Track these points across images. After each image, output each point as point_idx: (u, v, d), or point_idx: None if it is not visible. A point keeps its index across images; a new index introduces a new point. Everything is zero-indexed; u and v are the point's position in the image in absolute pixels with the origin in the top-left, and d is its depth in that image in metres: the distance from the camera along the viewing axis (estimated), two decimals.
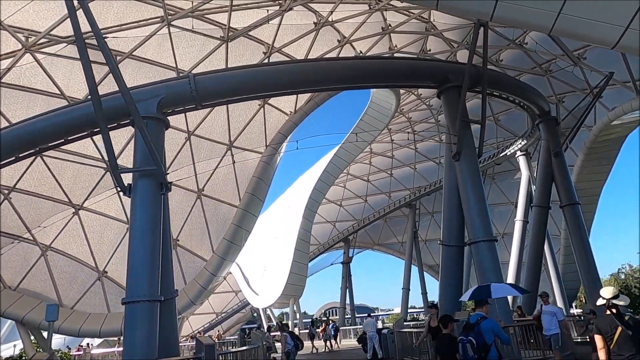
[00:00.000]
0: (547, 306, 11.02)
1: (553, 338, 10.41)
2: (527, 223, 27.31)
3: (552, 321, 10.48)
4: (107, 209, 22.50)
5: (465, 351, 6.23)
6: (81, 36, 9.18)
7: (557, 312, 10.74)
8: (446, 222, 15.24)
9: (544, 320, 10.68)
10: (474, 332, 6.33)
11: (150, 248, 10.94)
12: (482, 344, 6.23)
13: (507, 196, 37.63)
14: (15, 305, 21.15)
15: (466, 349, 6.22)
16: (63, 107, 13.23)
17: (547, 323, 10.55)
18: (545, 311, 10.81)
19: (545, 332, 10.63)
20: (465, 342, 6.29)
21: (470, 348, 6.19)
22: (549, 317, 10.56)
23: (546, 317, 10.63)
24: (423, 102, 32.17)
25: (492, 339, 6.30)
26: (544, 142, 20.81)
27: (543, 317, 10.77)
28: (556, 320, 10.45)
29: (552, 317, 10.47)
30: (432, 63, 18.47)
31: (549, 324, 10.53)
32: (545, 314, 10.74)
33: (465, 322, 6.95)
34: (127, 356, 10.06)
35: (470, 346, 6.20)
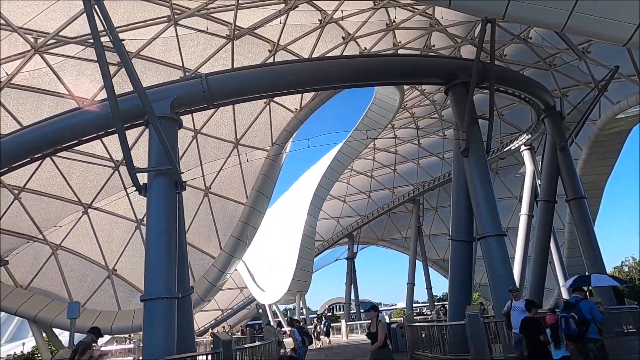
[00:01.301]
0: (518, 302, 10.08)
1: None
2: (532, 217, 27.52)
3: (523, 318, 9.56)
4: (115, 208, 22.67)
5: (568, 325, 7.44)
6: (99, 39, 9.31)
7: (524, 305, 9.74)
8: (455, 218, 15.40)
9: (514, 317, 9.78)
10: (575, 310, 7.51)
11: (167, 246, 11.11)
12: (583, 319, 7.41)
13: (510, 190, 37.82)
14: (27, 303, 21.38)
15: (569, 323, 7.44)
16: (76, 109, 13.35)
17: (517, 320, 9.50)
18: (515, 307, 9.93)
19: (515, 330, 9.71)
20: (568, 317, 7.48)
21: (573, 322, 7.38)
22: (518, 314, 9.60)
23: (516, 314, 9.73)
24: (427, 97, 32.26)
25: (590, 317, 7.47)
26: (549, 136, 20.94)
27: (513, 314, 9.88)
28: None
29: (521, 314, 9.36)
30: (439, 60, 18.56)
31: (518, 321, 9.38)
32: (515, 310, 9.88)
33: (566, 302, 8.39)
34: (147, 352, 10.26)
35: (572, 320, 7.39)
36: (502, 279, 13.39)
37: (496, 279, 13.46)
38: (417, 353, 14.50)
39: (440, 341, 13.54)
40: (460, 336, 12.62)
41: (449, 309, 15.46)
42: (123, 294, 23.20)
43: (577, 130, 21.73)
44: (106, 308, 22.92)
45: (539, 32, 21.36)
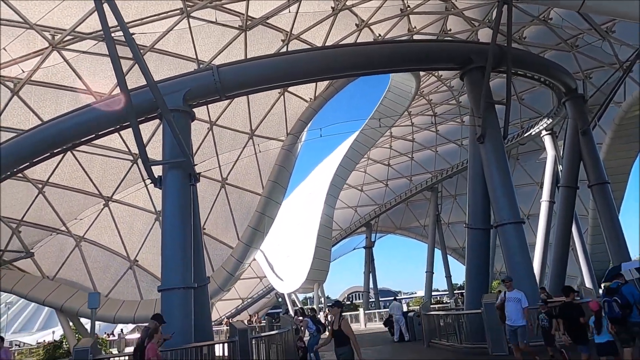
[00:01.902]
0: (512, 292, 9.22)
1: (519, 331, 8.91)
2: (553, 204, 26.88)
3: (518, 310, 8.96)
4: (135, 200, 23.15)
5: (611, 308, 7.63)
6: (110, 34, 9.41)
7: (523, 299, 9.12)
8: (471, 205, 15.16)
9: (508, 309, 9.09)
10: (617, 295, 7.68)
11: (183, 237, 11.30)
12: (626, 303, 7.56)
13: (531, 177, 37.00)
14: (53, 294, 22.19)
15: (612, 307, 7.61)
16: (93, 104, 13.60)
17: (512, 312, 8.98)
18: (510, 298, 9.13)
19: (510, 323, 9.08)
20: (611, 301, 7.63)
21: (616, 305, 7.56)
22: (513, 305, 8.99)
23: (511, 306, 9.03)
24: (444, 83, 31.64)
25: (632, 300, 7.62)
26: (571, 120, 20.32)
27: (507, 306, 9.15)
28: (522, 309, 8.98)
29: (517, 305, 8.93)
30: (454, 44, 18.13)
31: (514, 314, 8.97)
32: (510, 301, 9.09)
33: (607, 288, 8.36)
34: (166, 342, 10.48)
35: (615, 304, 7.57)
36: (521, 266, 13.18)
37: (514, 266, 13.25)
38: (433, 342, 14.46)
39: (456, 330, 13.45)
40: (477, 325, 12.50)
41: (465, 297, 15.35)
42: (145, 284, 23.78)
43: (600, 113, 20.99)
44: (129, 298, 23.57)
45: (559, 13, 20.61)
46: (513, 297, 9.10)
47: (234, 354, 10.80)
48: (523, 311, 8.90)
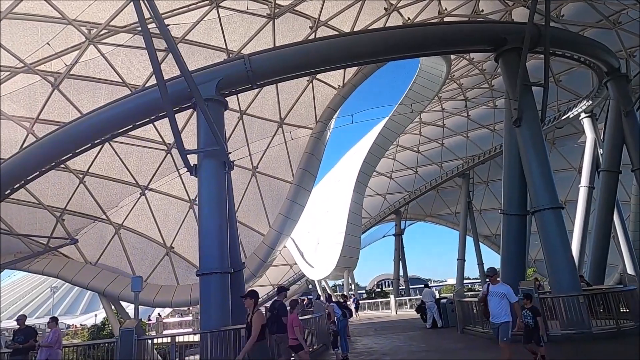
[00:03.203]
0: (496, 286, 8.24)
1: (502, 328, 7.89)
2: (592, 189, 25.87)
3: (502, 305, 7.99)
4: (170, 189, 23.84)
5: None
6: (146, 27, 9.63)
7: (509, 293, 8.11)
8: (507, 191, 14.80)
9: (491, 304, 8.14)
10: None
11: (218, 223, 11.58)
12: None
13: (568, 161, 35.68)
14: (96, 278, 23.29)
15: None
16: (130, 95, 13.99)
17: (495, 308, 8.04)
18: (493, 292, 8.16)
19: (493, 320, 8.13)
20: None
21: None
22: (497, 300, 8.05)
23: (494, 301, 8.09)
24: (475, 66, 30.73)
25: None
26: (613, 101, 19.36)
27: (490, 301, 8.17)
28: (507, 304, 7.99)
29: (501, 301, 8.00)
30: (488, 25, 17.55)
31: (497, 309, 8.01)
32: (493, 295, 8.13)
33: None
34: (205, 324, 10.87)
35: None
36: (560, 254, 12.82)
37: (553, 254, 12.90)
38: (468, 328, 14.33)
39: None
40: None
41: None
42: (181, 270, 24.60)
43: None
44: (166, 283, 24.47)
45: None
46: (497, 291, 8.10)
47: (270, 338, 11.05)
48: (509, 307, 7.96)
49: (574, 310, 11.44)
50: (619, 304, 12.23)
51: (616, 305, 11.98)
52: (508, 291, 8.06)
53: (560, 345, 11.03)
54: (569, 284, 12.39)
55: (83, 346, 12.23)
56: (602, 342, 10.94)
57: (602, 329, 11.56)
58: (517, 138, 14.27)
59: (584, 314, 11.40)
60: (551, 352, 10.43)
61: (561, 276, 12.63)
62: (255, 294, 7.47)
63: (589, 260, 21.27)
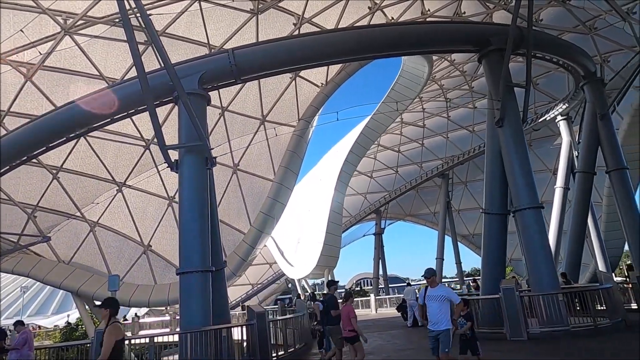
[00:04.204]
0: (435, 288, 7.09)
1: (442, 337, 6.79)
2: (567, 190, 26.54)
3: (442, 310, 6.85)
4: (148, 186, 23.27)
5: None
6: (127, 16, 9.28)
7: (451, 295, 7.08)
8: (488, 190, 14.95)
9: (430, 310, 7.00)
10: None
11: (200, 221, 11.30)
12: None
13: (544, 163, 36.52)
14: (69, 278, 22.53)
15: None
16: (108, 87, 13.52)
17: (434, 314, 6.89)
18: (432, 296, 7.01)
19: (431, 327, 6.96)
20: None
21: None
22: (436, 305, 6.89)
23: (433, 306, 6.94)
24: (457, 68, 31.12)
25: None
26: (589, 104, 19.86)
27: (428, 305, 7.03)
28: (447, 309, 6.90)
29: (441, 305, 6.85)
30: (472, 26, 17.73)
31: (436, 315, 6.87)
32: (432, 300, 6.98)
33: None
34: (185, 323, 10.58)
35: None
36: (540, 252, 13.04)
37: (533, 253, 13.11)
38: None
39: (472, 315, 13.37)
40: (493, 310, 12.43)
41: (482, 283, 15.22)
42: (158, 269, 24.05)
43: (619, 98, 20.51)
44: (143, 282, 23.86)
45: None
46: (435, 295, 6.96)
47: (252, 337, 10.86)
48: (449, 312, 6.91)
49: (553, 308, 11.63)
50: (595, 302, 12.51)
51: (593, 303, 12.26)
52: (448, 293, 7.06)
53: (540, 342, 11.21)
54: (548, 282, 12.62)
55: (55, 348, 11.73)
56: (580, 339, 11.15)
57: (580, 326, 11.80)
58: (499, 138, 14.43)
59: (563, 312, 11.61)
60: (531, 350, 10.60)
61: (541, 274, 12.85)
62: (113, 303, 5.76)
63: (564, 260, 21.80)
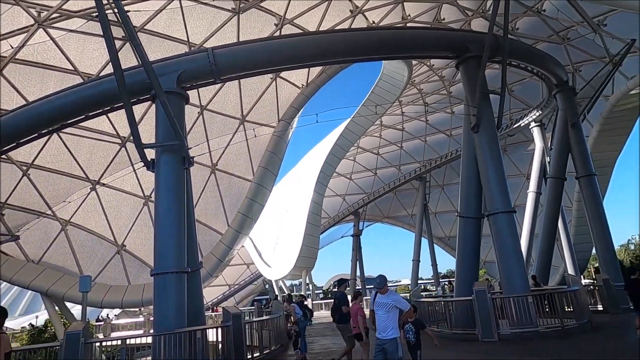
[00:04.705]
0: (384, 295, 6.64)
1: (388, 346, 6.35)
2: (539, 195, 27.34)
3: (390, 318, 6.47)
4: (123, 185, 22.80)
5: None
6: (104, 10, 9.10)
7: (400, 302, 6.60)
8: (464, 194, 15.27)
9: (378, 318, 6.57)
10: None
11: (176, 221, 11.15)
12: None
13: (518, 168, 37.50)
14: (39, 278, 21.81)
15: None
16: (84, 83, 13.21)
17: (382, 322, 6.47)
18: (380, 303, 6.57)
19: (379, 335, 6.49)
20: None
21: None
22: (384, 313, 6.48)
23: (381, 315, 6.52)
24: (435, 73, 31.65)
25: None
26: (561, 112, 20.54)
27: (377, 313, 6.60)
28: (396, 317, 6.50)
29: (388, 313, 6.45)
30: (451, 33, 18.08)
31: (384, 323, 6.46)
32: (380, 307, 6.55)
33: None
34: (159, 325, 10.42)
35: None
36: (512, 255, 13.39)
37: (505, 255, 13.45)
38: None
39: (446, 316, 13.65)
40: (466, 312, 12.69)
41: (456, 285, 15.53)
42: (133, 269, 23.58)
43: (589, 107, 21.29)
44: (116, 282, 23.35)
45: (553, 4, 20.68)
46: (384, 302, 6.54)
47: (227, 339, 10.79)
48: (397, 320, 6.54)
49: (523, 310, 11.96)
50: (563, 304, 12.92)
51: (561, 304, 12.66)
52: (397, 300, 6.62)
53: (510, 343, 11.51)
54: (519, 284, 12.97)
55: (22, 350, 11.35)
56: (549, 339, 11.49)
57: (548, 327, 12.17)
58: (474, 143, 14.75)
59: (532, 314, 11.95)
60: (501, 351, 10.87)
61: (512, 277, 13.19)
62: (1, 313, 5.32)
63: (535, 262, 22.46)
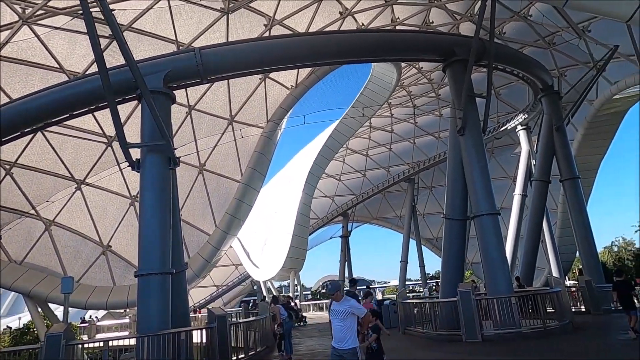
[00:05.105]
0: (340, 303, 6.00)
1: (348, 356, 5.78)
2: (525, 197, 27.69)
3: (347, 326, 5.85)
4: (109, 184, 22.53)
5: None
6: (88, 8, 9.00)
7: (355, 308, 5.95)
8: (449, 196, 15.41)
9: (333, 326, 6.01)
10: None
11: (161, 222, 11.07)
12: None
13: (505, 170, 37.92)
14: (21, 279, 21.43)
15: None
16: (67, 82, 13.04)
17: (338, 330, 5.90)
18: (335, 311, 5.97)
19: (335, 345, 5.90)
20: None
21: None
22: (340, 321, 5.88)
23: (336, 323, 5.93)
24: (424, 75, 31.89)
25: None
26: (546, 116, 20.86)
27: (332, 322, 6.07)
28: (353, 325, 5.89)
29: (344, 322, 5.84)
30: (438, 36, 18.22)
31: (340, 332, 5.88)
32: (335, 316, 5.96)
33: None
34: (142, 326, 10.33)
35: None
36: (496, 257, 13.54)
37: (489, 257, 13.60)
38: (409, 329, 14.74)
39: (432, 317, 13.75)
40: (451, 313, 12.80)
41: (441, 286, 15.66)
42: (118, 270, 23.30)
43: (574, 111, 21.65)
44: (101, 284, 23.05)
45: (539, 10, 20.99)
46: (339, 309, 5.92)
47: (212, 340, 10.73)
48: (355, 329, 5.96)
49: (506, 311, 12.11)
50: (545, 305, 13.11)
51: (543, 306, 12.84)
52: (353, 307, 5.95)
53: (493, 344, 11.64)
54: (503, 285, 13.12)
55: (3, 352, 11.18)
56: (531, 340, 11.66)
57: (531, 328, 12.33)
58: (460, 146, 14.90)
59: (515, 315, 12.10)
60: (484, 351, 11.00)
61: (496, 278, 13.35)
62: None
63: (520, 263, 22.74)
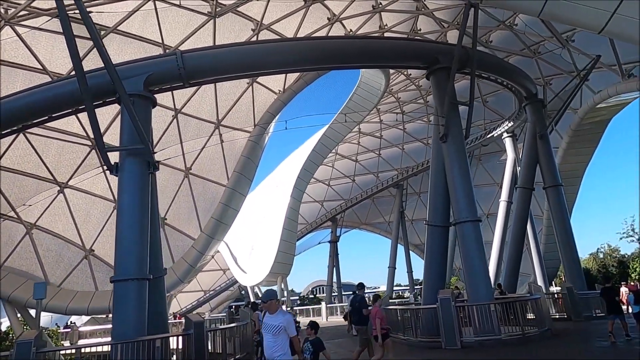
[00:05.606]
0: (274, 316, 5.54)
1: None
2: (511, 204, 27.89)
3: (279, 342, 5.39)
4: (92, 188, 22.27)
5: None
6: (64, 9, 8.91)
7: (289, 325, 5.44)
8: (432, 203, 15.46)
9: (265, 341, 5.55)
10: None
11: (139, 227, 10.94)
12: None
13: (492, 177, 38.23)
14: (0, 283, 21.02)
15: None
16: (47, 83, 12.88)
17: (270, 345, 5.43)
18: (268, 325, 5.50)
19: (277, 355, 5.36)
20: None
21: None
22: (271, 337, 5.43)
23: (269, 338, 5.47)
24: (412, 82, 32.12)
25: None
26: (530, 124, 21.08)
27: (264, 336, 5.60)
28: (286, 340, 5.40)
29: (276, 337, 5.39)
30: (421, 44, 18.37)
31: (272, 347, 5.41)
32: (267, 330, 5.49)
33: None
34: (117, 333, 10.16)
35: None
36: (477, 263, 13.59)
37: (470, 264, 13.64)
38: (390, 335, 14.67)
39: (413, 324, 13.73)
40: (432, 320, 12.80)
41: (423, 292, 15.66)
42: (101, 274, 22.96)
43: (557, 119, 21.90)
44: (84, 288, 22.71)
45: (524, 19, 21.28)
46: (272, 323, 5.47)
47: (188, 347, 10.59)
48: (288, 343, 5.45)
49: (486, 318, 12.13)
50: (525, 312, 13.16)
51: (523, 312, 12.89)
52: (286, 321, 5.46)
53: (472, 351, 11.65)
54: (483, 292, 13.15)
55: None
56: (510, 347, 11.69)
57: (510, 335, 12.36)
58: (443, 153, 14.97)
59: (495, 322, 12.13)
60: (464, 358, 11.00)
61: (477, 285, 13.38)
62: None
63: (504, 269, 22.86)
